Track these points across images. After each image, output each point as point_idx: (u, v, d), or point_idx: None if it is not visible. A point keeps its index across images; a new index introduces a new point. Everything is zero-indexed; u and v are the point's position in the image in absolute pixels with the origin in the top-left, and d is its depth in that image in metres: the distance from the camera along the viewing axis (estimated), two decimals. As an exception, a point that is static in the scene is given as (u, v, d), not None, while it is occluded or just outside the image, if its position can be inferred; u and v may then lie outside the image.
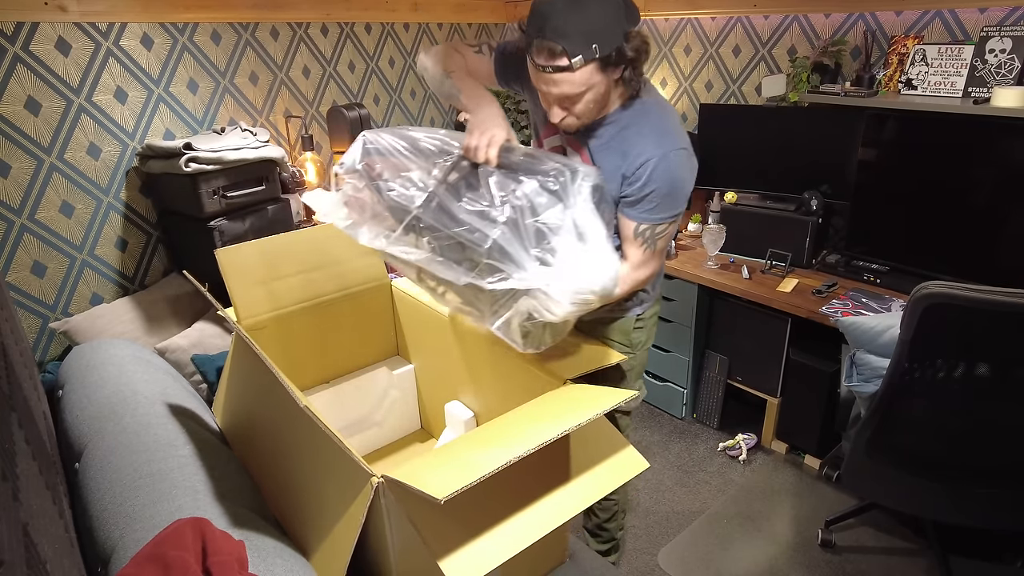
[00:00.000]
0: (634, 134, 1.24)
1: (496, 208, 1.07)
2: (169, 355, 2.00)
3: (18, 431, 0.92)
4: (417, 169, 1.18)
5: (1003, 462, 1.49)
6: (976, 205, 2.01)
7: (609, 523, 1.76)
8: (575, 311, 1.06)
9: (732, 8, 2.60)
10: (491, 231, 1.05)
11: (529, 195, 1.07)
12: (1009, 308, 1.21)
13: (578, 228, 1.08)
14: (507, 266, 1.05)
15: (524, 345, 1.14)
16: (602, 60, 1.12)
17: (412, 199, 1.15)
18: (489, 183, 1.11)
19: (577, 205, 1.09)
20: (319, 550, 1.02)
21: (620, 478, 1.01)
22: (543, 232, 1.07)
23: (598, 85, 1.16)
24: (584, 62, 1.10)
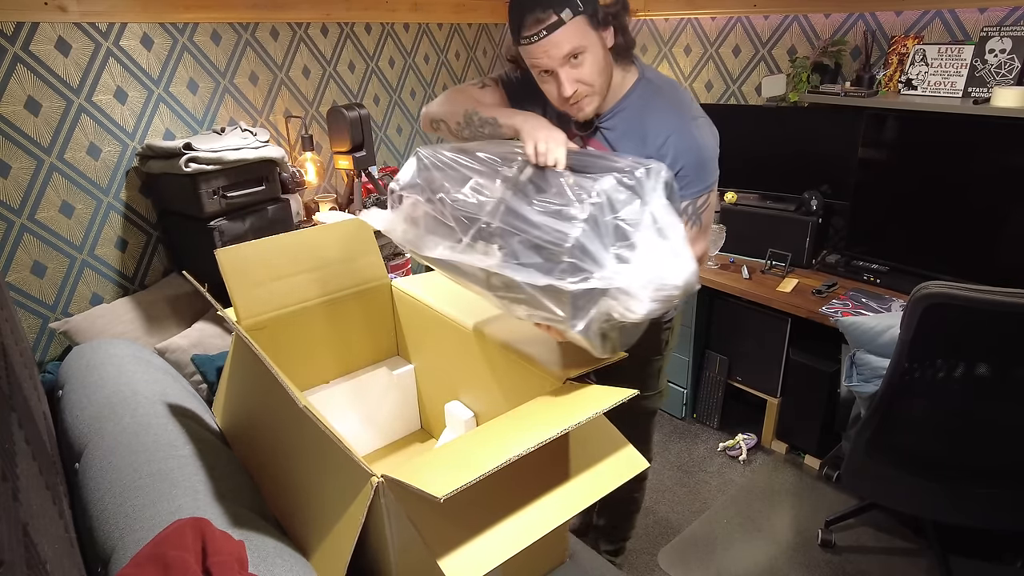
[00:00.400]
0: (649, 116, 1.24)
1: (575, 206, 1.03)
2: (169, 355, 2.00)
3: (18, 431, 0.92)
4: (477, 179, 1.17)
5: (1003, 462, 1.49)
6: (976, 205, 2.01)
7: (626, 522, 1.77)
8: (657, 309, 1.03)
9: (732, 8, 2.61)
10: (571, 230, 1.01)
11: (608, 192, 1.04)
12: (1009, 308, 1.21)
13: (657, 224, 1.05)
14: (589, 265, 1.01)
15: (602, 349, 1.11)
16: (589, 15, 1.13)
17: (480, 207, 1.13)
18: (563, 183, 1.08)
19: (653, 201, 1.06)
20: (319, 550, 1.02)
21: (620, 478, 1.01)
22: (622, 229, 1.04)
23: (594, 44, 1.16)
24: (572, 14, 1.11)
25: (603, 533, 1.81)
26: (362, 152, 2.61)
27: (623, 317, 1.03)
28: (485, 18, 3.39)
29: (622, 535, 1.79)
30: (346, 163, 2.61)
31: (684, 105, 1.25)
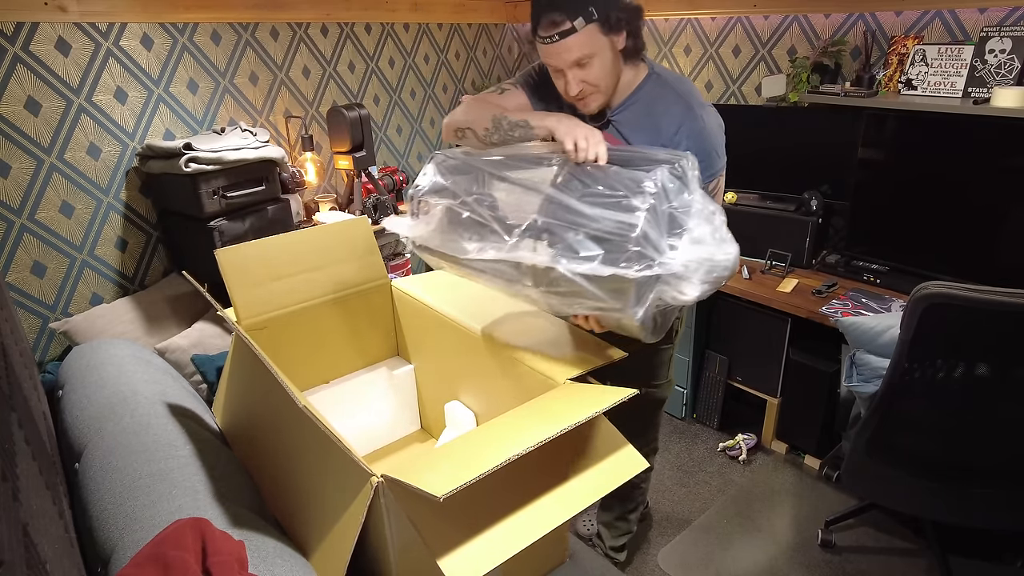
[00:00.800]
0: (660, 108, 1.29)
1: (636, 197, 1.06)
2: (169, 355, 2.00)
3: (18, 431, 0.92)
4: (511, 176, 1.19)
5: (1003, 462, 1.49)
6: (976, 205, 2.01)
7: (632, 514, 1.78)
8: (707, 291, 1.09)
9: (732, 8, 2.61)
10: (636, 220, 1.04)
11: (663, 182, 1.07)
12: (1009, 308, 1.21)
13: (705, 207, 1.11)
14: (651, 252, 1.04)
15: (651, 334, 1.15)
16: (601, 22, 1.18)
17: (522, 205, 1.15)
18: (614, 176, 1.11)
19: (697, 190, 1.12)
20: (319, 550, 1.02)
21: (619, 477, 1.01)
22: (676, 218, 1.09)
23: (603, 49, 1.21)
24: (585, 23, 1.17)
25: (607, 526, 1.82)
26: (362, 152, 2.61)
27: (675, 301, 1.07)
28: (485, 18, 3.39)
29: (628, 527, 1.80)
30: (346, 163, 2.61)
31: (691, 96, 1.30)
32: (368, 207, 2.66)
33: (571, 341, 1.30)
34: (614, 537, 1.82)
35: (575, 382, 1.17)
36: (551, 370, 1.20)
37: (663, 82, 1.31)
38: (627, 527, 1.80)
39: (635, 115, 1.32)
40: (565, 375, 1.17)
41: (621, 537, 1.82)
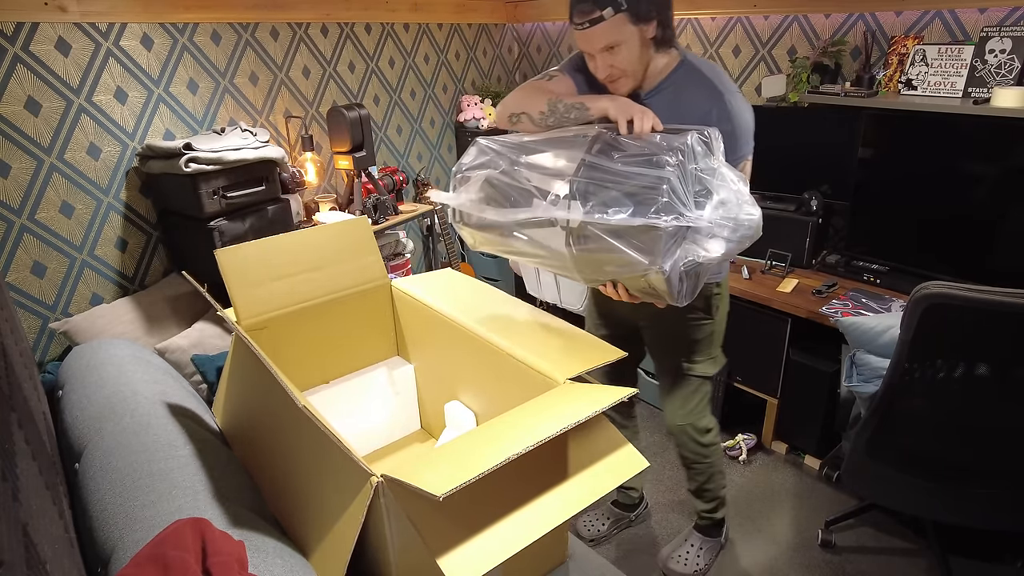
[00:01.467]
0: (691, 92, 1.36)
1: (666, 153, 1.14)
2: (169, 355, 2.00)
3: (18, 431, 0.92)
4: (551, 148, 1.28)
5: (1003, 462, 1.49)
6: (976, 205, 2.01)
7: (709, 484, 1.82)
8: (732, 249, 1.19)
9: (732, 8, 2.61)
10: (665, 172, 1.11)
11: (692, 144, 1.16)
12: (1009, 308, 1.21)
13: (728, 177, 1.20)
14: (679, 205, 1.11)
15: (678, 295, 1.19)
16: (630, 12, 1.26)
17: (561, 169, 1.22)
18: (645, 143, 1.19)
19: (722, 160, 1.22)
20: (319, 550, 1.02)
21: (619, 477, 1.01)
22: (702, 179, 1.16)
23: (631, 38, 1.29)
24: (614, 12, 1.25)
25: (696, 495, 1.87)
26: (362, 152, 2.61)
27: (701, 258, 1.15)
28: (485, 18, 3.39)
29: (714, 494, 1.85)
30: (346, 163, 2.61)
31: (722, 81, 1.36)
32: (368, 207, 2.66)
33: (571, 341, 1.30)
34: (704, 502, 1.87)
35: (575, 382, 1.16)
36: (551, 370, 1.20)
37: (694, 68, 1.38)
38: (712, 494, 1.84)
39: (666, 99, 1.38)
40: (565, 375, 1.17)
41: (711, 502, 1.86)
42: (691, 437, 1.72)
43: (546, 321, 1.39)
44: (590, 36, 1.30)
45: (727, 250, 1.17)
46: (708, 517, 1.90)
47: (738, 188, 1.20)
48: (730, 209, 1.17)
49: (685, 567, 1.88)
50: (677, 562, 1.89)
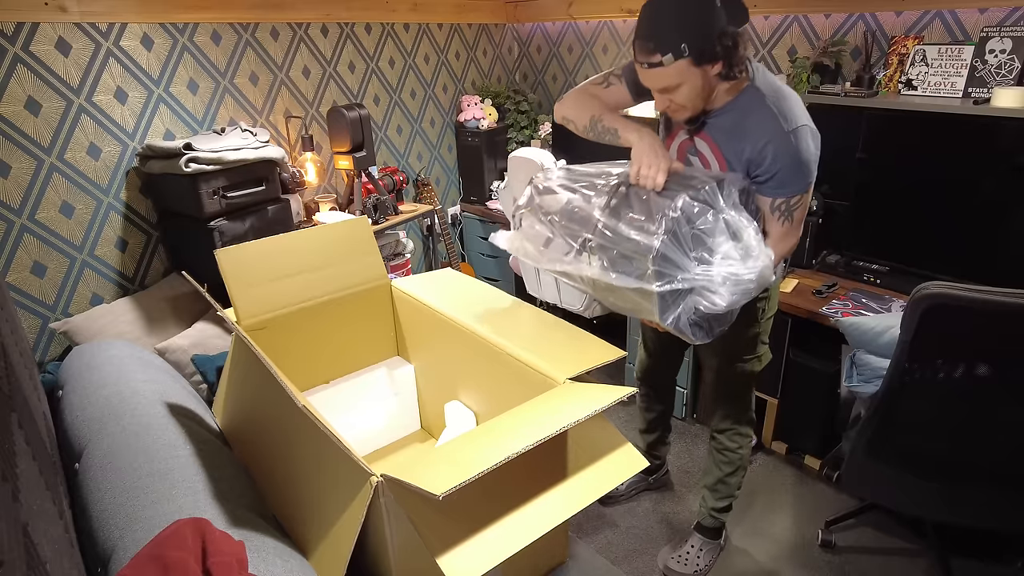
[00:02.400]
0: (753, 120, 1.33)
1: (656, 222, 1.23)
2: (169, 355, 2.00)
3: (18, 431, 0.92)
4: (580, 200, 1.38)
5: (1003, 462, 1.49)
6: (976, 205, 2.01)
7: (731, 478, 1.83)
8: (738, 300, 1.25)
9: (732, 8, 2.60)
10: (654, 242, 1.21)
11: (683, 207, 1.22)
12: (1009, 308, 1.21)
13: (731, 228, 1.26)
14: (671, 270, 1.22)
15: (697, 336, 1.30)
16: (694, 56, 1.22)
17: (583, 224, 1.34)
18: (648, 201, 1.27)
19: (726, 209, 1.26)
20: (319, 549, 1.02)
21: (619, 476, 1.01)
22: (700, 237, 1.24)
23: (693, 79, 1.26)
24: (674, 59, 1.22)
25: (711, 490, 1.88)
26: (362, 152, 2.61)
27: (708, 309, 1.24)
28: (485, 18, 3.39)
29: (730, 491, 1.85)
30: (346, 163, 2.61)
31: (785, 113, 1.32)
32: (368, 207, 2.66)
33: (571, 341, 1.30)
34: (716, 499, 1.87)
35: (575, 381, 1.17)
36: (551, 370, 1.20)
37: (761, 96, 1.33)
38: (728, 491, 1.86)
39: (729, 122, 1.37)
40: (565, 375, 1.17)
41: (724, 500, 1.87)
42: (739, 431, 1.79)
43: (546, 321, 1.39)
44: (649, 76, 1.28)
45: (731, 301, 1.23)
46: (715, 516, 1.89)
47: (744, 239, 1.25)
48: (731, 265, 1.24)
49: (685, 567, 1.88)
50: (677, 562, 1.89)
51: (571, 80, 3.44)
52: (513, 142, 3.42)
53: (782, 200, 1.36)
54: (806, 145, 1.32)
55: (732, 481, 1.85)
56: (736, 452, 1.81)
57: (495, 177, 3.38)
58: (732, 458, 1.82)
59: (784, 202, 1.37)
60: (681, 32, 1.20)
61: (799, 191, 1.36)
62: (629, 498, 2.19)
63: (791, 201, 1.36)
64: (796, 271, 2.36)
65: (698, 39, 1.20)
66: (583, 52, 3.33)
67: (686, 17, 1.21)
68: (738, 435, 1.80)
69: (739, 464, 1.83)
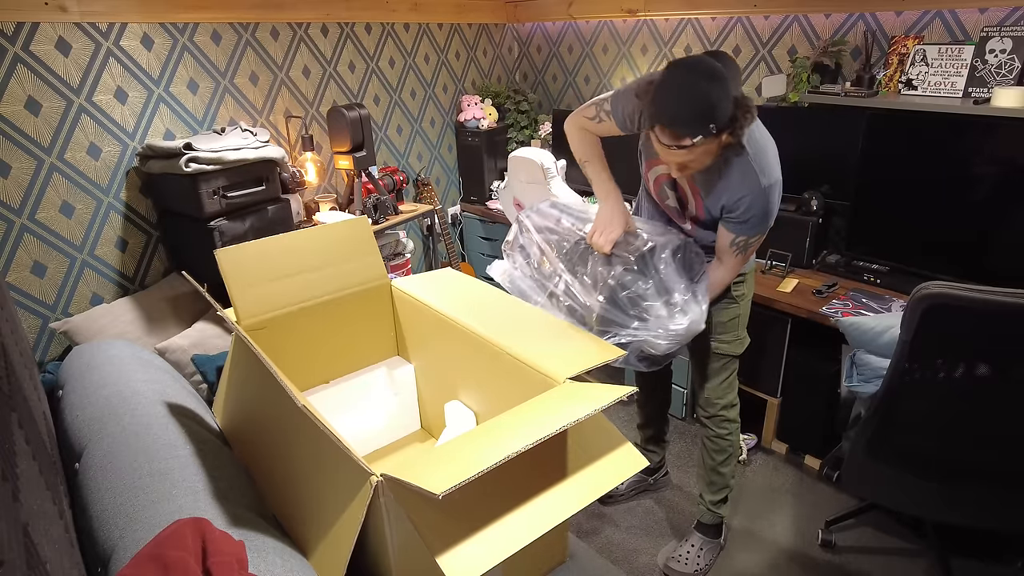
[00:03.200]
0: (735, 175, 1.45)
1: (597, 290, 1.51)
2: (169, 355, 2.00)
3: (18, 431, 0.92)
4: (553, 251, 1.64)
5: (1003, 462, 1.49)
6: (976, 205, 2.01)
7: (724, 467, 1.86)
8: (673, 346, 1.49)
9: (732, 8, 2.61)
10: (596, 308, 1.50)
11: (618, 276, 1.50)
12: (1009, 308, 1.21)
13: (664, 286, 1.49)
14: (612, 328, 1.48)
15: (648, 367, 1.58)
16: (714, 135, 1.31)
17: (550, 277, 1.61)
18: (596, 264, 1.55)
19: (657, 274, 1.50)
20: (319, 549, 1.02)
21: (619, 476, 1.01)
22: (635, 299, 1.49)
23: (710, 147, 1.36)
24: (704, 139, 1.30)
25: (707, 483, 1.91)
26: (362, 152, 2.61)
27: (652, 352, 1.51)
28: (485, 18, 3.39)
29: (725, 481, 1.88)
30: (346, 163, 2.61)
31: (765, 169, 1.44)
32: (368, 207, 2.66)
33: (571, 340, 1.30)
34: (712, 492, 1.89)
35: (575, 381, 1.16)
36: (551, 369, 1.20)
37: (745, 153, 1.43)
38: (722, 481, 1.88)
39: (713, 172, 1.47)
40: (565, 374, 1.17)
41: (719, 492, 1.89)
42: (722, 415, 1.81)
43: (546, 321, 1.39)
44: (674, 154, 1.36)
45: (667, 348, 1.49)
46: (713, 511, 1.90)
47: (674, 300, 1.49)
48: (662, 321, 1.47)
49: (685, 567, 1.88)
50: (677, 562, 1.89)
51: (571, 80, 3.44)
52: (513, 142, 3.42)
53: (743, 239, 1.52)
54: (776, 198, 1.47)
55: (725, 471, 1.87)
56: (725, 439, 1.83)
57: (495, 177, 3.38)
58: (722, 445, 1.84)
59: (744, 240, 1.52)
60: (710, 116, 1.27)
61: (759, 233, 1.52)
62: (629, 498, 2.19)
63: (750, 240, 1.52)
64: (796, 271, 2.36)
65: (722, 115, 1.28)
66: (583, 52, 3.33)
67: (712, 101, 1.26)
68: (726, 421, 1.82)
69: (729, 452, 1.85)
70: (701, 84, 1.27)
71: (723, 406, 1.81)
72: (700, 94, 1.27)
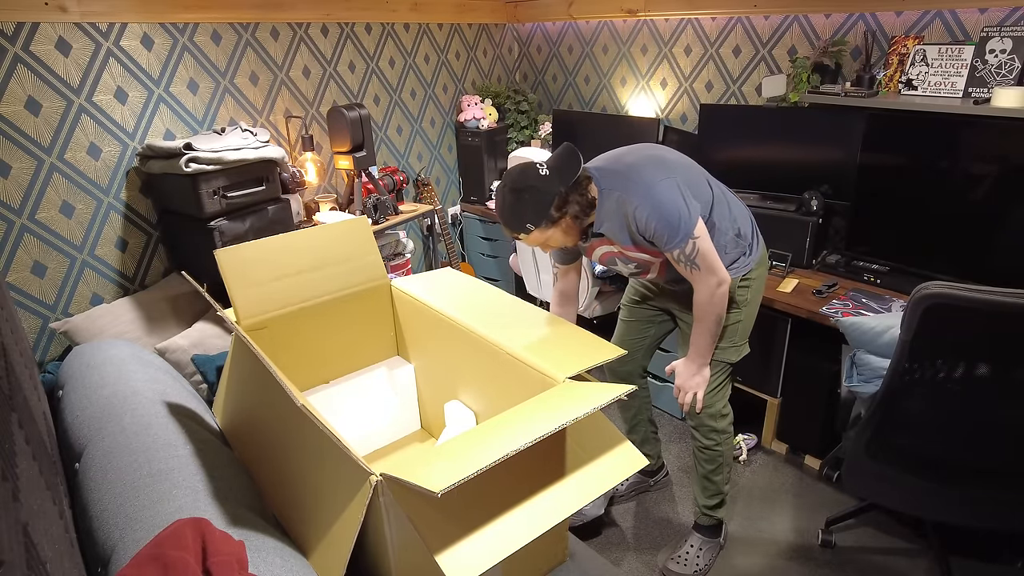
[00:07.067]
0: (616, 211, 1.52)
1: None
2: (169, 355, 2.00)
3: (18, 431, 0.92)
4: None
5: (1003, 462, 1.49)
6: (976, 205, 2.01)
7: (715, 475, 1.84)
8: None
9: (732, 8, 2.61)
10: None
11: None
12: (1009, 308, 1.21)
13: None
14: None
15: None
16: (543, 226, 1.46)
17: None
18: None
19: None
20: (318, 549, 1.02)
21: (619, 475, 1.01)
22: None
23: (555, 233, 1.49)
24: (527, 234, 1.48)
25: (700, 488, 1.90)
26: (362, 152, 2.61)
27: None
28: (485, 18, 3.39)
29: (718, 488, 1.86)
30: (346, 163, 2.61)
31: (636, 184, 1.49)
32: (368, 207, 2.66)
33: (571, 340, 1.30)
34: (706, 496, 1.89)
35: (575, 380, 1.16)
36: (551, 369, 1.20)
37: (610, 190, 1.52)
38: (715, 488, 1.86)
39: (608, 221, 1.54)
40: (565, 374, 1.17)
41: (713, 497, 1.88)
42: (707, 423, 1.78)
43: (546, 320, 1.39)
44: (523, 241, 1.52)
45: None
46: (708, 514, 1.90)
47: None
48: None
49: (684, 567, 1.88)
50: (676, 563, 1.89)
51: (571, 80, 3.44)
52: (513, 142, 3.42)
53: (678, 251, 1.50)
54: (660, 198, 1.46)
55: (716, 479, 1.85)
56: (713, 449, 1.81)
57: (495, 177, 3.38)
58: (711, 455, 1.82)
59: (679, 252, 1.50)
60: (522, 218, 1.45)
61: (683, 239, 1.47)
62: (629, 498, 2.19)
63: (686, 249, 1.49)
64: (796, 271, 2.36)
65: (537, 217, 1.44)
66: (583, 52, 3.33)
67: (521, 208, 1.45)
68: (713, 432, 1.79)
69: (720, 461, 1.83)
70: (507, 197, 1.46)
71: (711, 415, 1.77)
72: (507, 205, 1.47)
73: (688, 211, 1.47)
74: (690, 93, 2.91)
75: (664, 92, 3.02)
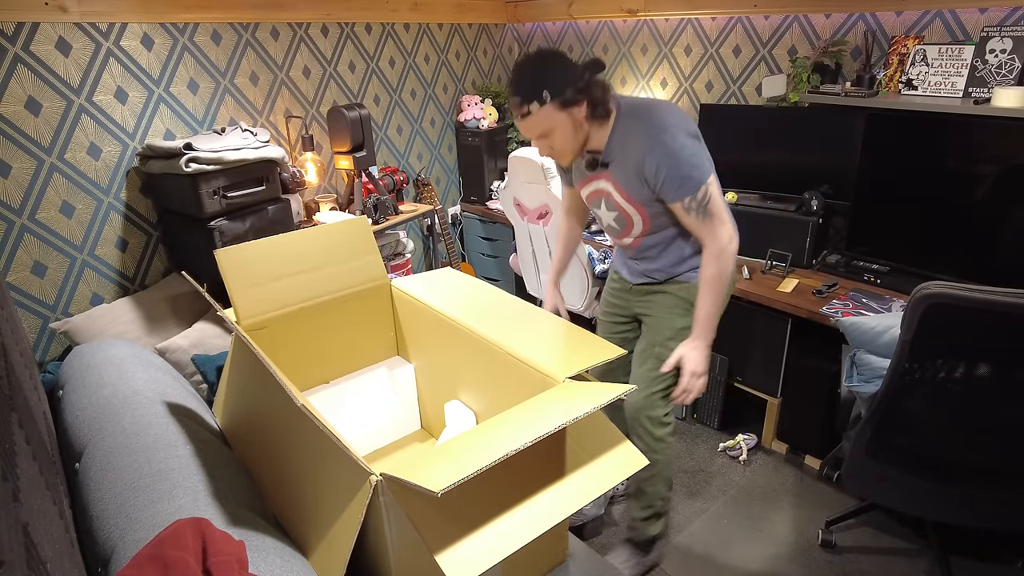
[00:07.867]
0: (630, 144, 1.46)
1: None
2: (169, 355, 2.00)
3: (18, 431, 0.92)
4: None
5: (1003, 462, 1.49)
6: (976, 205, 2.01)
7: (649, 485, 1.73)
8: None
9: (732, 8, 2.61)
10: None
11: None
12: (1009, 308, 1.21)
13: None
14: None
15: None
16: (557, 102, 1.38)
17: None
18: None
19: None
20: (318, 549, 1.02)
21: (619, 475, 1.01)
22: None
23: (562, 123, 1.42)
24: (540, 106, 1.38)
25: (633, 496, 1.79)
26: (362, 152, 2.61)
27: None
28: (485, 18, 3.39)
29: (650, 501, 1.76)
30: (346, 163, 2.61)
31: (653, 124, 1.43)
32: (368, 207, 2.66)
33: (571, 340, 1.30)
34: (639, 508, 1.78)
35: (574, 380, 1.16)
36: (551, 369, 1.20)
37: (628, 120, 1.46)
38: (648, 500, 1.75)
39: (616, 155, 1.49)
40: (565, 374, 1.17)
41: (645, 510, 1.78)
42: (644, 425, 1.67)
43: (546, 320, 1.39)
44: (525, 126, 1.44)
45: None
46: (639, 529, 1.80)
47: None
48: None
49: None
50: None
51: (571, 80, 3.44)
52: (513, 142, 3.42)
53: (688, 199, 1.44)
54: (680, 143, 1.40)
55: (650, 490, 1.73)
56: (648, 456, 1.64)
57: (495, 177, 3.38)
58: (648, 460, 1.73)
59: (690, 200, 1.44)
60: (541, 83, 1.38)
61: (696, 186, 1.42)
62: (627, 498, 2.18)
63: (698, 196, 1.43)
64: (796, 271, 2.36)
65: (557, 86, 1.37)
66: (583, 52, 3.32)
67: (544, 71, 1.39)
68: (648, 435, 1.67)
69: (655, 471, 1.70)
70: (532, 59, 1.40)
71: (650, 418, 1.66)
72: (529, 65, 1.40)
73: (703, 157, 1.43)
74: (690, 93, 2.91)
75: (664, 92, 3.02)
